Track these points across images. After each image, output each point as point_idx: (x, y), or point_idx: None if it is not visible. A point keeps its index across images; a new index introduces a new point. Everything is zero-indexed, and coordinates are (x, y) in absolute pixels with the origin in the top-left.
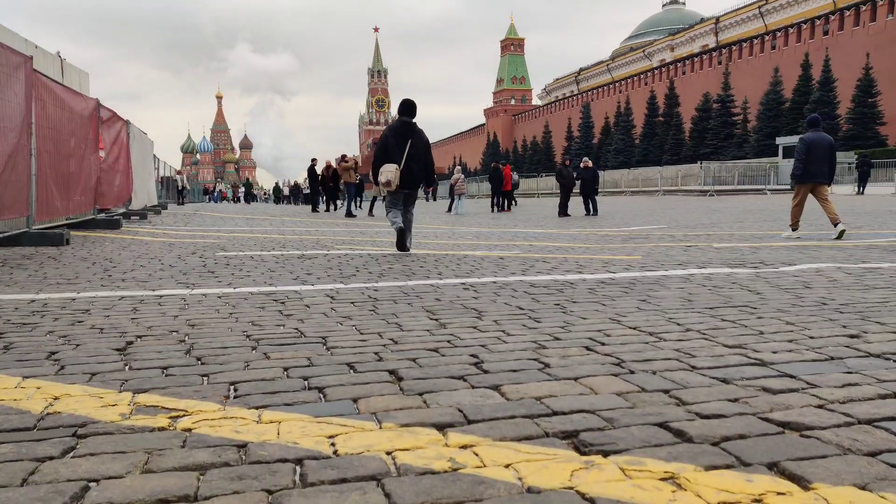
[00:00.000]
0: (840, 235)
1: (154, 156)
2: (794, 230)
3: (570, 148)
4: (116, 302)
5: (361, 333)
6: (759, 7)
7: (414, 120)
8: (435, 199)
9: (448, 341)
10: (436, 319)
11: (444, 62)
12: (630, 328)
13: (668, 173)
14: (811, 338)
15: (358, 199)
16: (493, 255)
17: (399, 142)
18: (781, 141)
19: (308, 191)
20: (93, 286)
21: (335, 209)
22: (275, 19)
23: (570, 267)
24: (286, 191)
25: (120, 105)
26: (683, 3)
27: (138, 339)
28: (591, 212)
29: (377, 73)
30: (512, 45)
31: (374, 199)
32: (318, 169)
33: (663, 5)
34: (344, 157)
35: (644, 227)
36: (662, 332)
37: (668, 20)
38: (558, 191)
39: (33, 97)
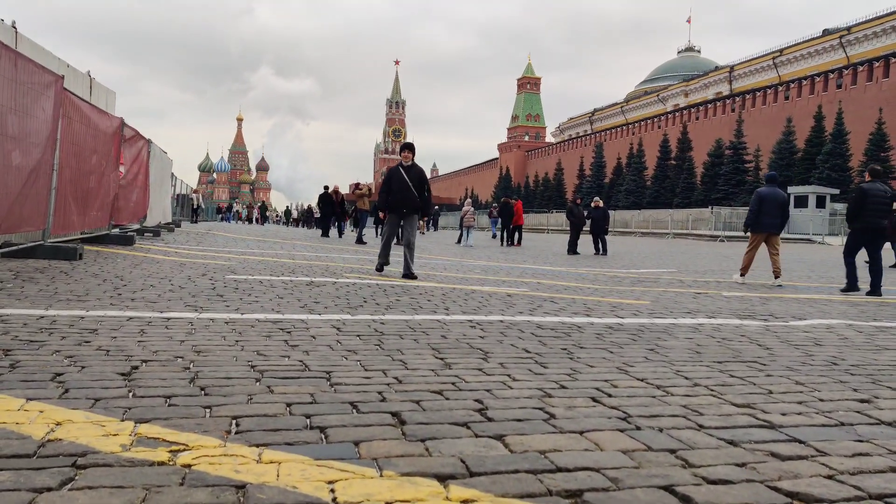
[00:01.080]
0: (779, 286)
1: (172, 174)
2: (741, 275)
3: (581, 186)
4: (124, 322)
5: (366, 370)
6: (773, 58)
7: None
8: (430, 230)
9: (453, 383)
10: (441, 359)
11: (460, 96)
12: (637, 379)
13: (679, 216)
14: (821, 400)
15: (377, 226)
16: (500, 291)
17: None
18: (793, 190)
19: (318, 215)
20: (102, 304)
21: (339, 235)
22: (299, 46)
23: (578, 309)
24: (295, 214)
25: (143, 122)
26: (698, 51)
27: (143, 364)
28: (601, 251)
29: (395, 104)
30: (528, 84)
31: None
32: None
33: (678, 52)
34: (358, 184)
35: (653, 271)
36: (670, 386)
37: (683, 66)
38: (568, 228)
39: (61, 115)
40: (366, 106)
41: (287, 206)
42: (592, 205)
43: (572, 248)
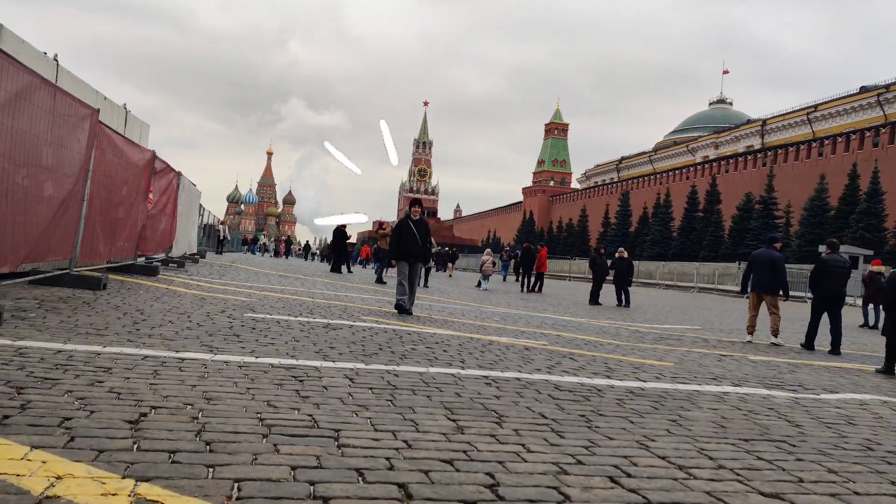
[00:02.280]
0: (773, 344)
1: (200, 205)
2: (749, 334)
3: (605, 234)
4: (139, 361)
5: (375, 430)
6: (808, 114)
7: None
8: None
9: (464, 451)
10: (454, 420)
11: (487, 139)
12: (658, 457)
13: (705, 270)
14: (856, 494)
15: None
16: (518, 343)
17: None
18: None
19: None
20: (119, 340)
21: (339, 270)
22: (330, 82)
23: (599, 368)
24: (314, 248)
25: (176, 152)
26: (730, 103)
27: (152, 411)
28: (623, 303)
29: (422, 144)
30: (556, 130)
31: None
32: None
33: (710, 103)
34: (381, 224)
35: (677, 327)
36: (693, 468)
37: (714, 118)
38: (590, 276)
39: (94, 146)
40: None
41: (307, 241)
42: (617, 255)
43: (594, 299)
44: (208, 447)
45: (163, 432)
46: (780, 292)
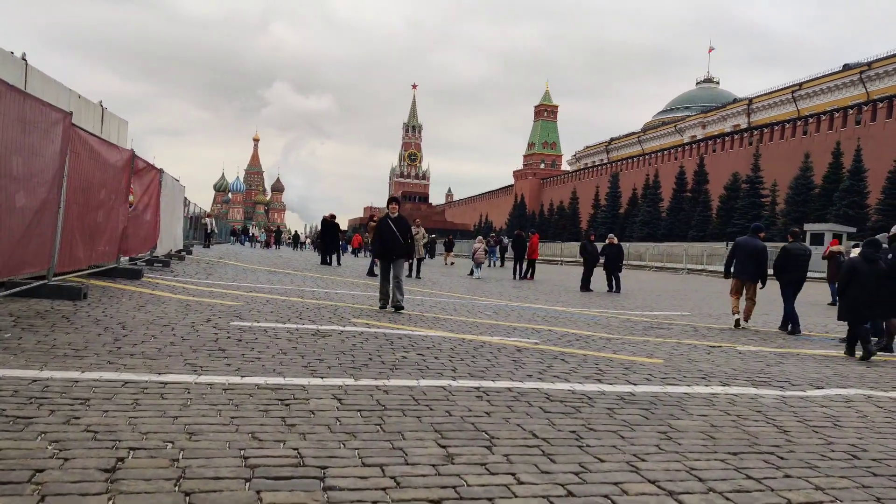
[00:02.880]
0: (736, 325)
1: (185, 198)
2: (734, 314)
3: (596, 216)
4: (119, 389)
5: (363, 464)
6: (793, 92)
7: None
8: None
9: (454, 487)
10: (444, 447)
11: (477, 122)
12: (649, 481)
13: (694, 251)
14: None
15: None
16: (510, 343)
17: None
18: (809, 227)
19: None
20: (99, 362)
21: (331, 263)
22: (316, 65)
23: (589, 371)
24: (303, 238)
25: (160, 140)
26: (717, 83)
27: (130, 454)
28: (614, 289)
29: (412, 128)
30: (545, 112)
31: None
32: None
33: (697, 83)
34: (373, 215)
35: (667, 314)
36: (683, 493)
37: (701, 98)
38: (581, 261)
39: (69, 151)
40: (382, 129)
41: (296, 231)
42: (607, 241)
43: (585, 285)
44: (187, 499)
45: (140, 483)
46: (759, 283)
